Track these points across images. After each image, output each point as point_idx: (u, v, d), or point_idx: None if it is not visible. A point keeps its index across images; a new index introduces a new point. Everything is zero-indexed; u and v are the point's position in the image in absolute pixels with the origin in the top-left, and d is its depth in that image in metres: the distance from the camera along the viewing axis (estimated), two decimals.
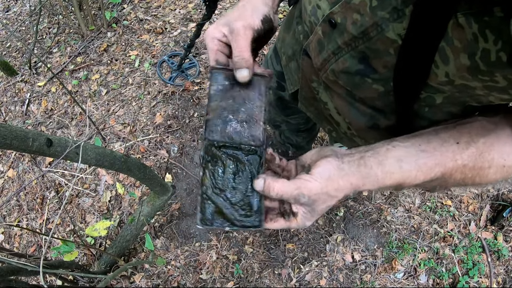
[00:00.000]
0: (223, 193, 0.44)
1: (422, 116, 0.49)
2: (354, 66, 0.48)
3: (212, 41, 0.45)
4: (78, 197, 1.82)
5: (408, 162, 0.41)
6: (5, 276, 0.93)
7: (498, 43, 0.31)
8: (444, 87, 0.41)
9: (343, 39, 0.46)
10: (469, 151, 0.41)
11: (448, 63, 0.37)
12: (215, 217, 0.43)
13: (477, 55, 0.34)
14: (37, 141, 0.73)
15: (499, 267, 1.52)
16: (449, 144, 0.42)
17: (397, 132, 0.54)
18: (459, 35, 0.34)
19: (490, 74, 0.34)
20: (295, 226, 0.44)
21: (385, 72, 0.45)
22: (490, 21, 0.31)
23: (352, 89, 0.53)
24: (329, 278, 1.53)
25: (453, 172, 0.42)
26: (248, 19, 0.44)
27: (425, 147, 0.42)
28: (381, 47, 0.42)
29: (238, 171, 0.45)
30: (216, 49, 0.45)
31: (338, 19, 0.45)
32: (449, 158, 0.41)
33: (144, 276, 1.57)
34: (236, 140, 0.46)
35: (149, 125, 1.95)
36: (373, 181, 0.41)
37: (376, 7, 0.40)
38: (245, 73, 0.44)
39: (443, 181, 0.43)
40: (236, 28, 0.43)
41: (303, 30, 0.60)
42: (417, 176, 0.41)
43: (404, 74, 0.42)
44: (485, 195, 1.67)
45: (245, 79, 0.44)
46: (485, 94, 0.38)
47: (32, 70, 2.29)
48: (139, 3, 2.48)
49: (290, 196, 0.41)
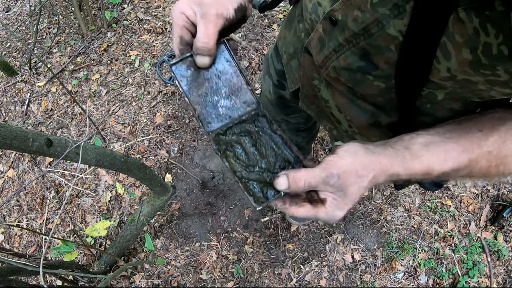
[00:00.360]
0: (257, 167, 0.43)
1: (424, 112, 0.49)
2: (355, 63, 0.48)
3: (180, 16, 0.43)
4: (78, 197, 1.82)
5: (435, 147, 0.41)
6: (5, 276, 0.93)
7: (499, 37, 0.32)
8: (446, 82, 0.41)
9: (344, 36, 0.46)
10: (493, 138, 0.41)
11: (450, 58, 0.37)
12: (265, 190, 0.42)
13: (479, 49, 0.34)
14: (37, 141, 0.73)
15: (499, 267, 1.52)
16: (473, 132, 0.42)
17: (399, 129, 0.54)
18: (460, 29, 0.34)
19: (492, 68, 0.34)
20: (323, 216, 0.40)
21: (386, 69, 0.45)
22: (491, 15, 0.31)
23: (354, 86, 0.53)
24: (329, 278, 1.53)
25: (479, 159, 0.41)
26: (223, 6, 0.43)
27: (450, 135, 0.42)
28: (382, 43, 0.42)
29: (255, 140, 0.44)
30: (182, 25, 0.43)
31: (339, 16, 0.45)
32: (475, 144, 0.41)
33: (144, 276, 1.57)
34: (234, 116, 0.45)
35: (149, 125, 1.95)
36: (401, 162, 0.39)
37: (377, 3, 0.40)
38: (206, 61, 0.43)
39: (469, 170, 0.42)
40: (208, 13, 0.41)
41: (304, 28, 0.60)
42: (446, 161, 0.40)
43: (406, 71, 0.42)
44: (485, 195, 1.66)
45: (205, 66, 0.44)
46: (487, 89, 0.38)
47: (32, 70, 2.29)
48: (139, 3, 2.48)
49: (319, 180, 0.38)
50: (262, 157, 0.43)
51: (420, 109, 0.49)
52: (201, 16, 0.42)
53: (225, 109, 0.45)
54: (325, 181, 0.38)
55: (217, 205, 1.71)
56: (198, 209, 1.72)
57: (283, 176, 0.40)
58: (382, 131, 0.58)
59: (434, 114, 0.49)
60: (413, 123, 0.52)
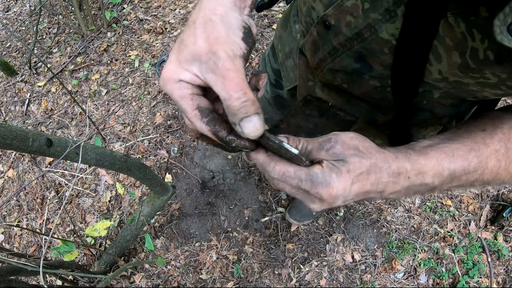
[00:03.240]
0: None
1: (422, 108, 0.50)
2: (350, 65, 0.48)
3: (179, 85, 0.31)
4: (78, 197, 1.82)
5: (439, 147, 0.37)
6: (5, 276, 0.93)
7: (485, 42, 0.32)
8: (439, 83, 0.41)
9: (338, 40, 0.47)
10: (497, 136, 0.38)
11: (441, 61, 0.37)
12: None
13: (467, 53, 0.34)
14: (37, 141, 0.73)
15: (499, 267, 1.52)
16: (476, 132, 0.39)
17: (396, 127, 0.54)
18: (450, 33, 0.34)
19: (480, 71, 0.35)
20: (317, 175, 0.31)
21: (381, 70, 0.45)
22: (476, 21, 0.31)
23: (349, 86, 0.53)
24: (329, 278, 1.53)
25: (488, 159, 0.37)
26: (228, 43, 0.30)
27: (452, 136, 0.39)
28: (376, 47, 0.43)
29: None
30: (189, 94, 0.31)
31: (332, 21, 0.46)
32: (481, 143, 0.37)
33: (144, 276, 1.57)
34: None
35: (149, 125, 1.95)
36: (405, 155, 0.34)
37: (369, 9, 0.40)
38: (258, 122, 0.29)
39: (481, 171, 0.37)
40: (218, 63, 0.28)
41: (300, 30, 0.60)
42: (455, 159, 0.35)
43: (401, 73, 0.43)
44: (485, 195, 1.66)
45: (259, 132, 0.30)
46: (479, 90, 0.39)
47: (32, 70, 2.29)
48: (139, 3, 2.48)
49: (316, 144, 0.32)
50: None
51: (417, 106, 0.49)
52: (211, 71, 0.29)
53: None
54: (321, 145, 0.33)
55: (217, 205, 1.71)
56: (198, 209, 1.72)
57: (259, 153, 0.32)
58: (379, 130, 0.58)
59: (432, 110, 0.49)
60: (410, 121, 0.52)
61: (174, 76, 0.31)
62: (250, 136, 0.30)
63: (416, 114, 0.51)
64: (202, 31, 0.30)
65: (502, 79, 0.34)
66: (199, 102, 0.31)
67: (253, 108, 0.28)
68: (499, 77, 0.34)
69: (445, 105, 0.47)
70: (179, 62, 0.31)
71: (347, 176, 0.31)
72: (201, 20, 0.31)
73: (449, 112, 0.50)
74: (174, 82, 0.31)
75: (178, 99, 0.31)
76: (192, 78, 0.31)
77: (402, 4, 0.36)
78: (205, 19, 0.31)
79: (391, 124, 0.55)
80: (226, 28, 0.30)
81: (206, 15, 0.31)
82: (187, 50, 0.30)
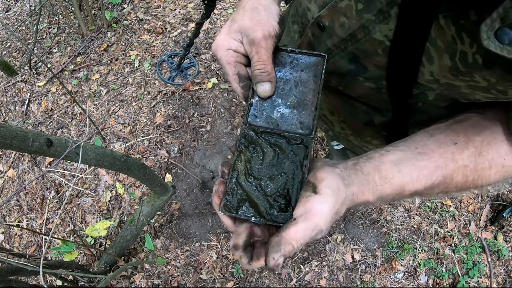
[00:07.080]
0: (258, 182, 0.39)
1: (417, 110, 0.50)
2: (345, 66, 0.48)
3: (227, 52, 0.41)
4: (78, 197, 1.82)
5: (406, 165, 0.38)
6: (5, 276, 0.93)
7: (474, 46, 0.32)
8: (432, 85, 0.41)
9: (332, 42, 0.47)
10: (468, 151, 0.39)
11: (432, 62, 0.37)
12: (242, 205, 0.38)
13: (457, 56, 0.34)
14: (37, 141, 0.73)
15: (499, 267, 1.52)
16: (447, 145, 0.39)
17: (392, 128, 0.54)
18: (441, 36, 0.35)
19: (469, 75, 0.35)
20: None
21: (375, 71, 0.45)
22: (465, 24, 0.31)
23: (344, 89, 0.53)
24: (329, 278, 1.53)
25: (454, 175, 0.39)
26: (266, 25, 0.40)
27: (422, 149, 0.39)
28: (370, 48, 0.43)
29: (278, 160, 0.40)
30: (233, 61, 0.41)
31: (326, 22, 0.46)
32: (449, 160, 0.39)
33: (144, 276, 1.57)
34: (281, 126, 0.42)
35: (149, 125, 1.95)
36: (372, 189, 0.37)
37: (362, 10, 0.40)
38: (267, 87, 0.41)
39: (444, 186, 0.40)
40: (256, 38, 0.39)
41: (297, 30, 0.60)
42: (419, 181, 0.38)
43: (396, 74, 0.43)
44: (485, 195, 1.67)
45: (268, 94, 0.41)
46: (471, 93, 0.38)
47: (32, 70, 2.29)
48: (139, 3, 2.48)
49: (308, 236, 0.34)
50: (271, 179, 0.39)
51: (413, 107, 0.49)
52: (249, 43, 0.39)
53: (279, 116, 0.42)
54: (313, 238, 0.35)
55: None
56: (198, 209, 1.72)
57: None
58: (375, 130, 0.58)
59: (427, 112, 0.49)
60: (406, 121, 0.52)
61: (225, 44, 0.41)
62: (261, 95, 0.41)
63: (413, 116, 0.51)
64: (249, 14, 0.40)
65: (492, 83, 0.34)
66: (240, 69, 0.41)
67: (267, 78, 0.40)
68: (489, 81, 0.34)
69: (440, 107, 0.47)
70: (228, 33, 0.41)
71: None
72: (249, 6, 0.41)
73: (445, 114, 0.50)
74: (224, 49, 0.41)
75: (224, 64, 0.41)
76: (237, 46, 0.41)
77: (396, 5, 0.37)
78: (252, 6, 0.41)
79: (388, 125, 0.55)
80: (267, 14, 0.41)
81: (254, 4, 0.41)
82: (236, 24, 0.41)
